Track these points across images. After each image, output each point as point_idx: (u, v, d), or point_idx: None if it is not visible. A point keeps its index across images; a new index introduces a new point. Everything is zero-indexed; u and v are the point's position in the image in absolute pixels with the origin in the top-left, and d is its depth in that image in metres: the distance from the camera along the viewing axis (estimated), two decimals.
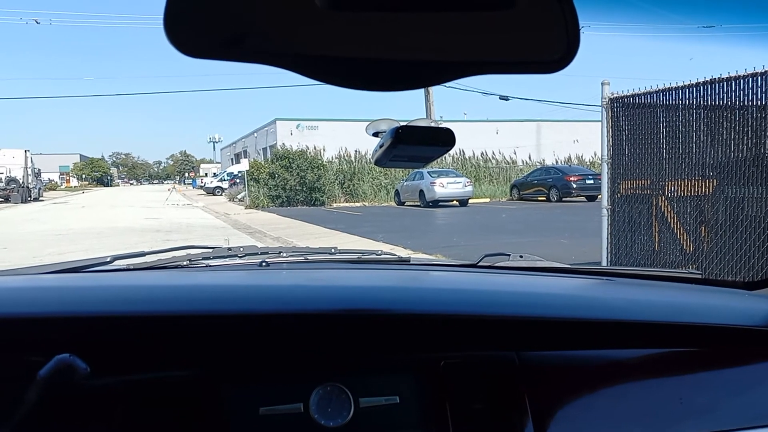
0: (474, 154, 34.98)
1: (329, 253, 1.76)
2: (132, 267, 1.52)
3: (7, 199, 33.41)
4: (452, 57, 0.63)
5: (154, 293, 1.25)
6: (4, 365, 0.98)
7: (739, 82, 5.63)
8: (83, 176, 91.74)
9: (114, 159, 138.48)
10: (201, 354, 1.06)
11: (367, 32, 0.60)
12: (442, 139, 0.98)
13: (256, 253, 1.66)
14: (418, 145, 0.99)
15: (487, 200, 28.32)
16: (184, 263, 1.56)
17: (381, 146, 1.03)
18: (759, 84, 5.48)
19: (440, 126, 1.01)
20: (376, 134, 1.10)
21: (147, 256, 1.64)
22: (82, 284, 1.34)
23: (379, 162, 1.08)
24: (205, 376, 1.03)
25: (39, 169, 41.03)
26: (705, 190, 6.00)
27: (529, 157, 36.71)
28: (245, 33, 0.59)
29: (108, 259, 1.52)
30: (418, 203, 24.65)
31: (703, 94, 5.98)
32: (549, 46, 0.64)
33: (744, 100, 5.64)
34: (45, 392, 0.90)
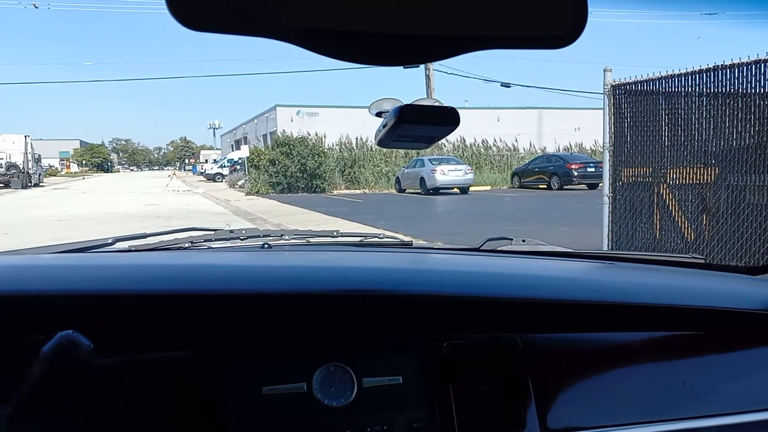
0: (475, 141, 34.88)
1: (331, 236, 1.76)
2: (134, 248, 1.52)
3: (7, 185, 33.35)
4: (459, 31, 0.62)
5: (157, 273, 1.25)
6: (7, 342, 0.98)
7: (742, 69, 5.59)
8: (83, 162, 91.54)
9: (114, 145, 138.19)
10: (204, 333, 1.06)
11: (374, 6, 0.60)
12: (447, 118, 0.96)
13: (258, 236, 1.65)
14: (422, 125, 0.98)
15: (488, 188, 28.27)
16: (186, 245, 1.55)
17: (384, 126, 1.01)
18: (762, 71, 5.45)
19: (444, 105, 1.00)
20: (379, 114, 1.08)
21: (149, 237, 1.64)
22: (84, 263, 1.34)
23: (382, 142, 1.06)
24: (208, 355, 1.03)
25: (39, 155, 40.93)
26: (707, 178, 5.98)
27: (531, 145, 36.63)
28: (251, 5, 0.58)
29: (110, 241, 1.51)
30: (419, 191, 24.61)
31: (706, 81, 5.95)
32: (556, 21, 0.64)
33: (747, 87, 5.61)
34: (48, 369, 0.90)
